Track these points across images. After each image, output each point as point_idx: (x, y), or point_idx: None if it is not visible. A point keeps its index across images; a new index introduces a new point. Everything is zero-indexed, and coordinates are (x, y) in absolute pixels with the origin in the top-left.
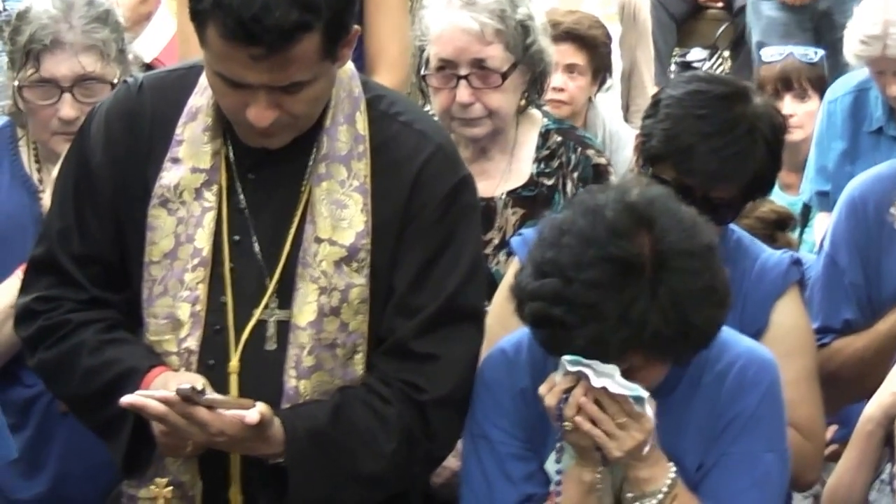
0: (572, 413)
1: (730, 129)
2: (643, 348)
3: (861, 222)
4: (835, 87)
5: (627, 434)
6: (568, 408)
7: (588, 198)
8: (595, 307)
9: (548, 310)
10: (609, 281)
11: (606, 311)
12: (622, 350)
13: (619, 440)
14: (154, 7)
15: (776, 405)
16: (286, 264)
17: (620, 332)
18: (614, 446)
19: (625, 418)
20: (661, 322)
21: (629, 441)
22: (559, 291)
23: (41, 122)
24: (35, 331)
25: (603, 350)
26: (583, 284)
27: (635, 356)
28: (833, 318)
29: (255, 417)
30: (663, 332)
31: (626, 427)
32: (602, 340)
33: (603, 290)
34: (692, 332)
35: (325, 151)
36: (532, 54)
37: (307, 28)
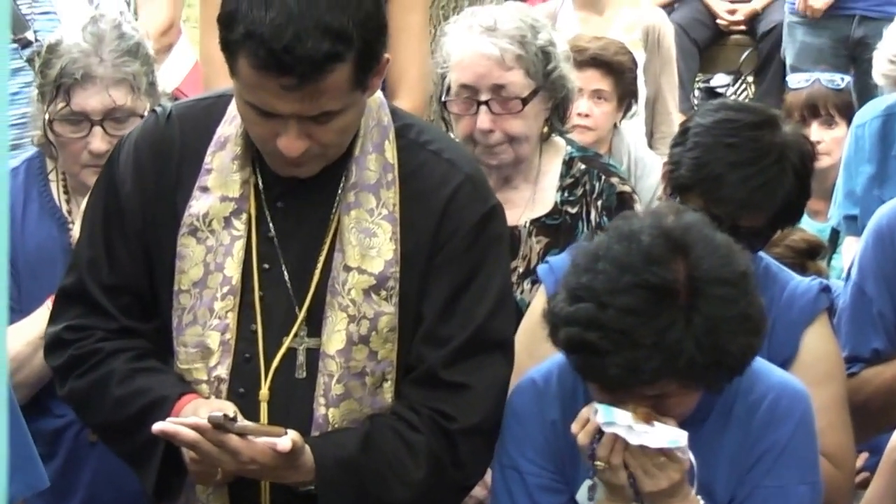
0: (606, 453)
1: (759, 159)
2: (677, 376)
3: (888, 251)
4: (863, 112)
5: (664, 474)
6: (602, 448)
7: (623, 224)
8: (629, 333)
9: (582, 335)
10: (644, 307)
11: (640, 338)
12: (656, 377)
13: (655, 478)
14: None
15: (809, 437)
16: (315, 293)
17: (654, 359)
18: (650, 484)
19: (663, 458)
20: (696, 349)
21: (665, 480)
22: (594, 317)
23: (71, 154)
24: (66, 360)
25: (636, 377)
26: (617, 310)
27: (669, 384)
28: (861, 348)
29: (287, 445)
30: (697, 359)
31: (664, 467)
32: (636, 367)
33: (637, 316)
34: (727, 359)
35: (354, 180)
36: (553, 80)
37: (339, 58)
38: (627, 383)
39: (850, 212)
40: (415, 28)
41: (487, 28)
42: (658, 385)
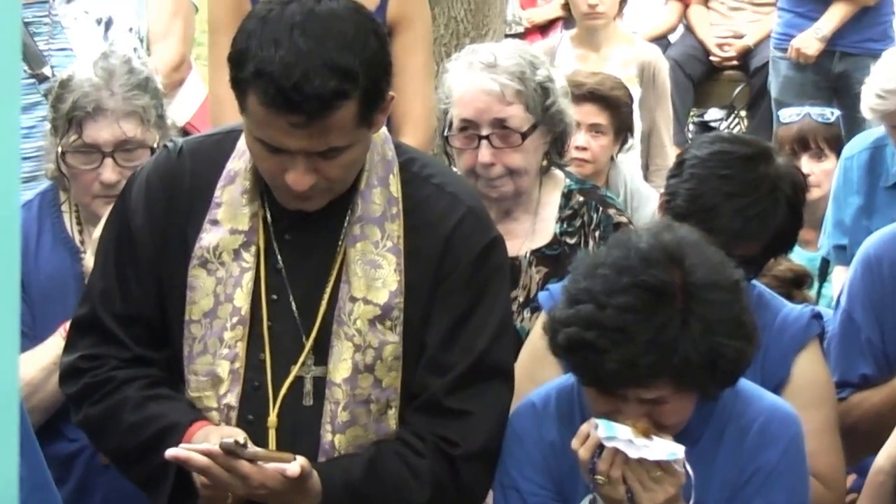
0: (606, 467)
1: (753, 190)
2: (672, 376)
3: (876, 280)
4: (852, 144)
5: (661, 487)
6: (602, 462)
7: (621, 236)
8: (626, 331)
9: (581, 334)
10: (641, 306)
11: (637, 335)
12: (652, 375)
13: (653, 492)
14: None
15: (798, 459)
16: (322, 322)
17: (650, 355)
18: (647, 498)
19: (659, 472)
20: (691, 348)
21: (661, 494)
22: (592, 316)
23: (83, 186)
24: (81, 388)
25: (633, 374)
26: (615, 309)
27: (665, 385)
28: (850, 373)
29: (296, 470)
30: (693, 358)
31: (661, 481)
32: (633, 363)
33: (634, 314)
34: (720, 361)
35: (360, 213)
36: (552, 115)
37: (345, 96)
38: (625, 380)
39: (839, 242)
40: (418, 66)
41: (488, 64)
42: (654, 387)
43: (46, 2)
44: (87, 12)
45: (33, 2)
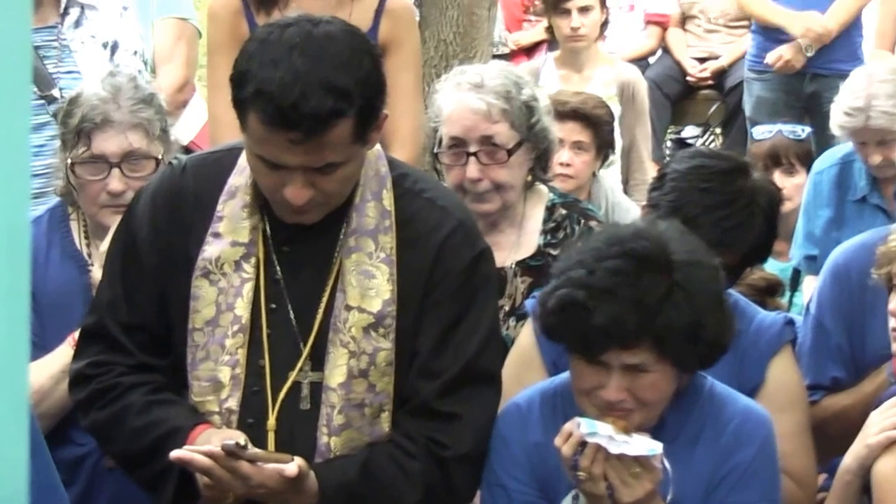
0: (588, 463)
1: (731, 202)
2: (655, 341)
3: (845, 288)
4: (821, 160)
5: (640, 483)
6: (584, 458)
7: (610, 225)
8: (613, 291)
9: (571, 293)
10: (628, 270)
11: (624, 295)
12: (637, 335)
13: (632, 488)
14: (189, 95)
15: (770, 459)
16: (319, 330)
17: (635, 315)
18: (626, 493)
19: (638, 469)
20: (674, 314)
21: (640, 489)
22: (582, 279)
23: (91, 196)
24: (88, 394)
25: (618, 332)
26: (604, 272)
27: (647, 351)
28: (821, 377)
29: (294, 471)
30: (675, 324)
31: (639, 477)
32: (619, 320)
33: (622, 276)
34: (702, 333)
35: (355, 226)
36: (536, 132)
37: (341, 115)
38: (610, 338)
39: (809, 252)
40: (407, 86)
41: (475, 85)
42: (637, 350)
43: (55, 26)
44: (94, 36)
45: (42, 26)
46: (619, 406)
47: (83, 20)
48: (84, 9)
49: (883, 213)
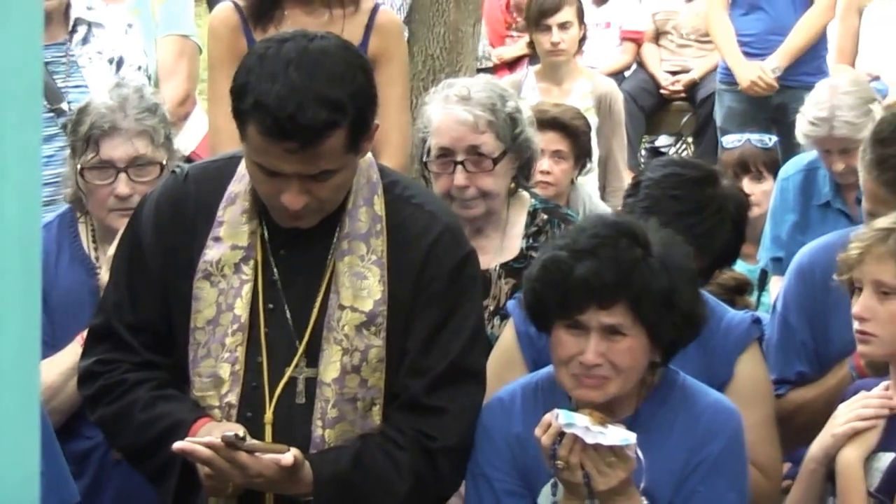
0: (566, 453)
1: (701, 209)
2: (631, 302)
3: (809, 287)
4: (787, 167)
5: (614, 472)
6: (562, 448)
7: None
8: (594, 251)
9: (554, 254)
10: (609, 234)
11: (603, 254)
12: (614, 293)
13: (607, 476)
14: (191, 108)
15: (739, 450)
16: (314, 329)
17: (613, 272)
18: (602, 482)
19: (613, 458)
20: (650, 277)
21: (615, 478)
22: (566, 244)
23: (99, 200)
24: (96, 390)
25: (598, 284)
26: (586, 238)
27: (624, 313)
28: (787, 371)
29: (290, 460)
30: (651, 286)
31: (614, 466)
32: (598, 274)
33: (602, 239)
34: (676, 299)
35: (348, 230)
36: (520, 143)
37: (335, 126)
38: (588, 295)
39: (776, 255)
40: (396, 98)
41: (462, 97)
42: (614, 311)
43: (64, 43)
44: (101, 52)
45: (52, 43)
46: (596, 372)
47: (90, 37)
48: (91, 26)
49: (846, 218)
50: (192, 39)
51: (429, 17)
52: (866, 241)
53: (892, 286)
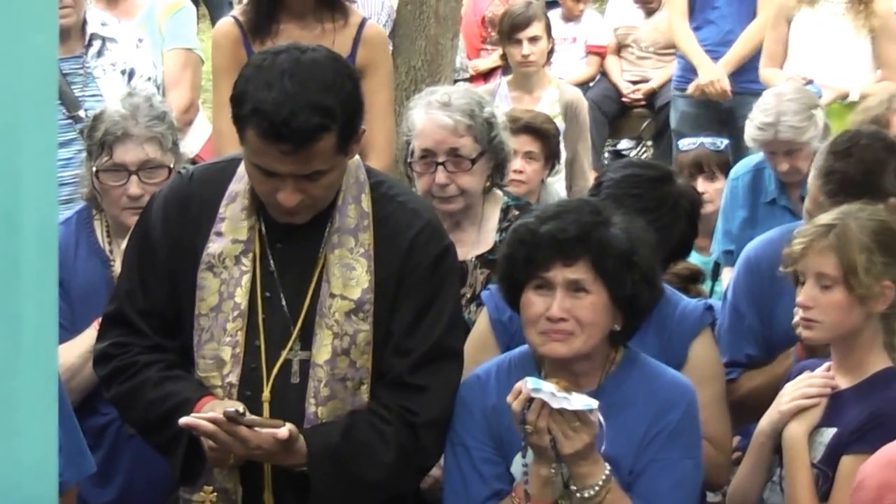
0: (534, 417)
1: (658, 206)
2: (593, 258)
3: (756, 278)
4: (737, 168)
5: (578, 436)
6: (531, 413)
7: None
8: (558, 214)
9: (525, 220)
10: (574, 205)
11: (567, 216)
12: (576, 249)
13: (572, 440)
14: (195, 115)
15: (693, 422)
16: (307, 315)
17: (575, 228)
18: (567, 445)
19: (577, 423)
20: (610, 236)
21: (579, 441)
22: (535, 214)
23: (113, 199)
24: (110, 370)
25: (561, 240)
26: (553, 207)
27: (586, 269)
28: (738, 354)
29: (286, 434)
30: (612, 244)
31: (579, 430)
32: (562, 230)
33: (566, 206)
34: (635, 260)
35: (338, 225)
36: (495, 145)
37: (325, 129)
38: (554, 250)
39: (727, 247)
40: (382, 104)
41: (443, 104)
42: (578, 267)
43: (80, 56)
44: (114, 65)
45: (70, 56)
46: (562, 327)
47: (104, 51)
48: (105, 41)
49: (790, 213)
50: (196, 52)
51: (411, 31)
52: (808, 237)
53: (832, 277)
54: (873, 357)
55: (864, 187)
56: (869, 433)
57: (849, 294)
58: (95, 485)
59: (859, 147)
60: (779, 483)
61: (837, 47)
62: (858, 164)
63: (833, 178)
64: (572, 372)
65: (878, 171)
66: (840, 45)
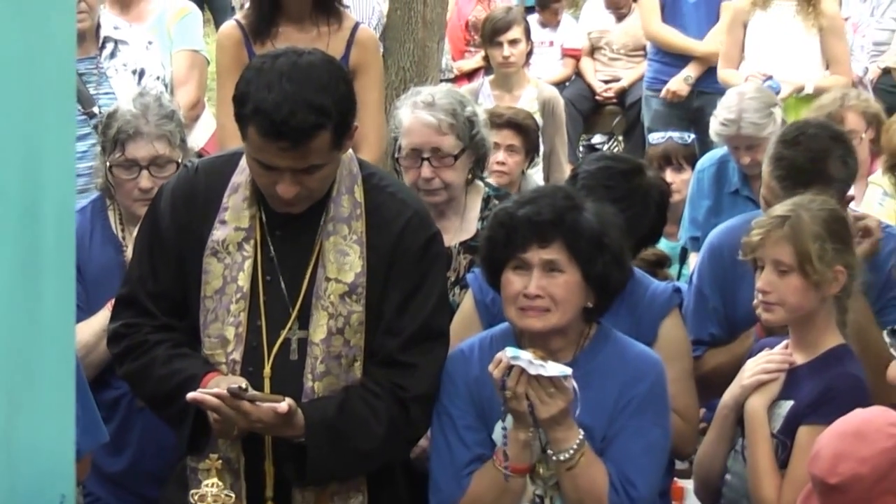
0: (513, 384)
1: (629, 196)
2: (567, 241)
3: (718, 263)
4: (703, 160)
5: (554, 401)
6: (510, 380)
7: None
8: (534, 199)
9: (504, 206)
10: (549, 191)
11: (542, 201)
12: (551, 231)
13: (548, 405)
14: (201, 111)
15: (662, 392)
16: (304, 297)
17: (549, 213)
18: (544, 410)
19: (553, 389)
20: (582, 220)
21: (554, 407)
22: (515, 200)
23: (125, 192)
24: (122, 349)
25: (537, 222)
26: (531, 193)
27: (560, 250)
28: (702, 333)
29: (285, 408)
30: (584, 226)
31: (554, 396)
32: (537, 213)
33: (542, 192)
34: (606, 242)
35: (332, 214)
36: (476, 142)
37: (321, 127)
38: (530, 232)
39: (694, 234)
40: (373, 102)
41: (428, 104)
42: (552, 249)
43: (95, 57)
44: (126, 65)
45: (85, 57)
46: (538, 304)
47: (117, 52)
48: (117, 43)
49: (752, 203)
50: (202, 53)
51: (400, 35)
52: (766, 227)
53: (788, 265)
54: (827, 335)
55: (811, 174)
56: (823, 405)
57: (804, 279)
58: (108, 454)
59: (807, 136)
60: (741, 452)
61: (790, 45)
62: (806, 151)
63: (782, 164)
64: (549, 347)
65: (824, 158)
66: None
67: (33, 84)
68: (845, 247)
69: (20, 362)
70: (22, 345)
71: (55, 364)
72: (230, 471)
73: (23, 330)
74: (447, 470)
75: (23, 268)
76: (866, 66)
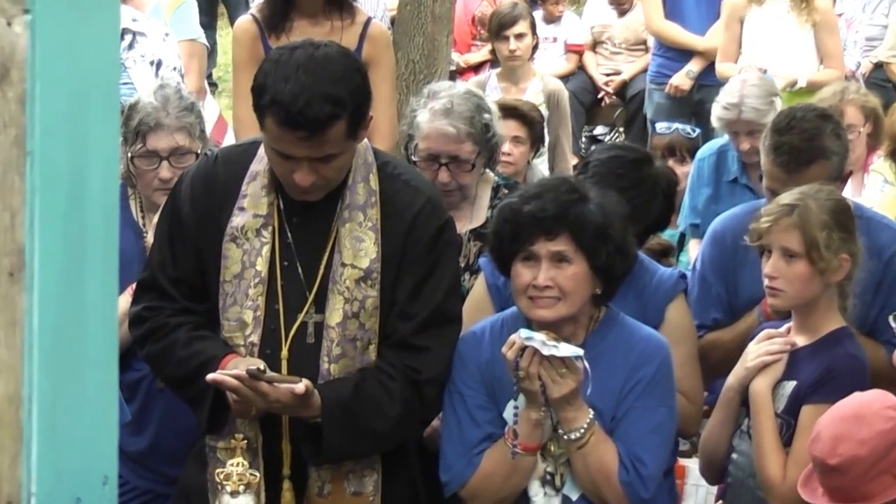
0: (526, 364)
1: (639, 185)
2: (572, 233)
3: (721, 249)
4: (703, 149)
5: (565, 381)
6: (523, 360)
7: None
8: (539, 194)
9: (510, 201)
10: (553, 185)
11: (547, 196)
12: (556, 225)
13: (559, 385)
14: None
15: (668, 374)
16: (321, 282)
17: (554, 207)
18: (555, 389)
19: (564, 369)
20: (587, 212)
21: (565, 387)
22: (518, 194)
23: (146, 182)
24: (144, 331)
25: (542, 217)
26: (535, 187)
27: (566, 241)
28: (705, 318)
29: (302, 389)
30: (588, 219)
31: (565, 376)
32: (542, 209)
33: (546, 186)
34: (610, 232)
35: (348, 202)
36: (491, 144)
37: (337, 117)
38: (536, 226)
39: (693, 221)
40: (385, 94)
41: (446, 111)
42: (559, 241)
43: None
44: (143, 56)
45: None
46: (547, 294)
47: (135, 44)
48: (135, 35)
49: (750, 191)
50: (199, 42)
51: (410, 29)
52: (774, 214)
53: (795, 251)
54: (829, 319)
55: (811, 152)
56: (824, 385)
57: (811, 266)
58: (130, 433)
59: (797, 119)
60: (747, 432)
61: (785, 40)
62: (801, 133)
63: (782, 150)
64: (560, 333)
65: (819, 135)
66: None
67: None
68: (850, 235)
69: (66, 347)
70: (68, 330)
71: (99, 347)
72: (249, 449)
73: (68, 314)
74: (458, 448)
75: (69, 250)
76: (859, 60)
